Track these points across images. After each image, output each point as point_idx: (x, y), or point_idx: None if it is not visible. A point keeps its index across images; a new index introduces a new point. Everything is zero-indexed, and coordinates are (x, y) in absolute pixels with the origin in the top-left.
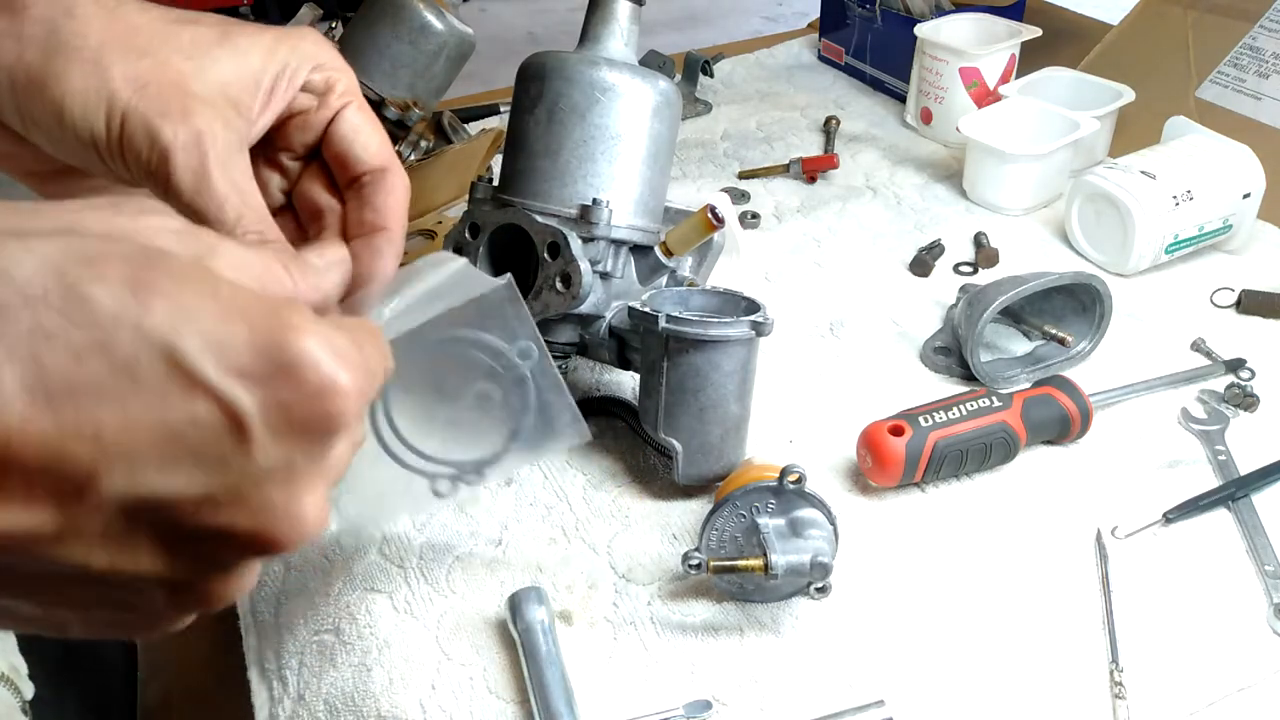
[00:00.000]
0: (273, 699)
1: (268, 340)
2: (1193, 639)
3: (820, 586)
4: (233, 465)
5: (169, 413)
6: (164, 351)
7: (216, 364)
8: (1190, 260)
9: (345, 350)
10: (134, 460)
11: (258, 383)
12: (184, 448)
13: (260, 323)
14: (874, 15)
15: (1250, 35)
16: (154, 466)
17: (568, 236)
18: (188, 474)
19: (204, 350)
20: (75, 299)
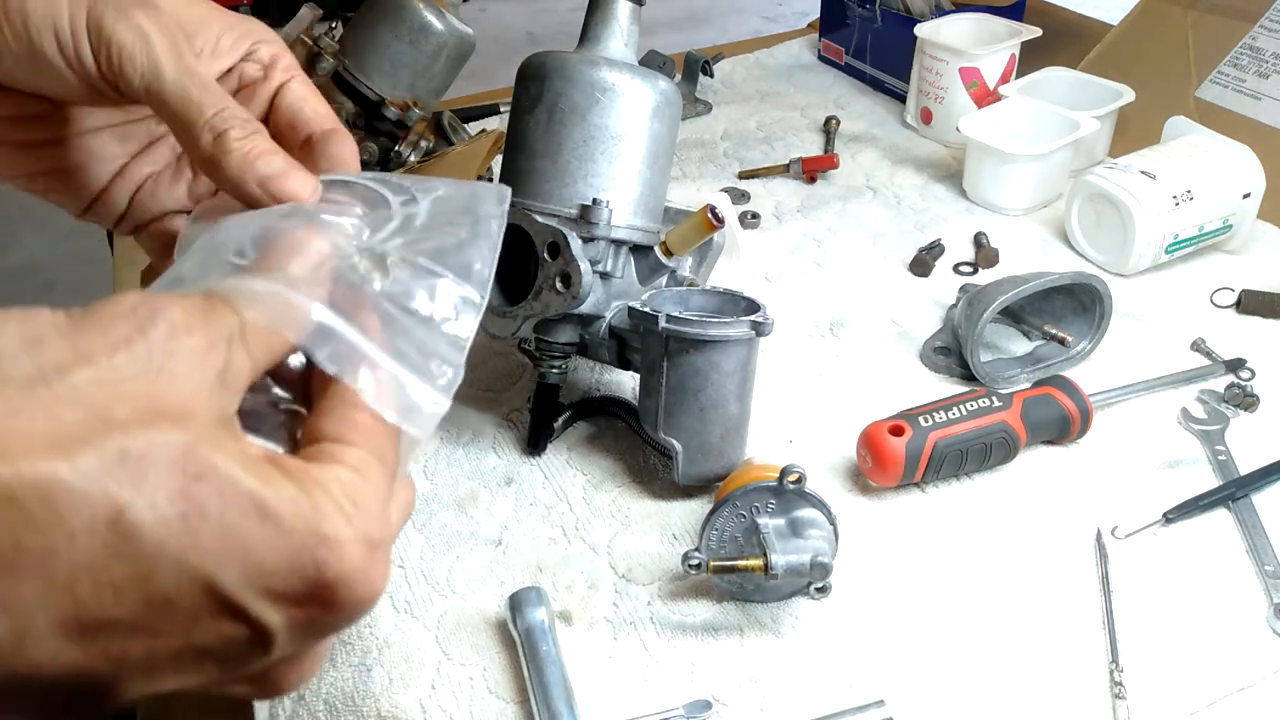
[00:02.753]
0: (272, 699)
1: (306, 566)
2: (1193, 639)
3: (820, 586)
4: (247, 666)
5: (197, 634)
6: (205, 585)
7: (254, 593)
8: (1190, 260)
9: (380, 558)
10: (152, 672)
11: (290, 604)
12: (205, 658)
13: (305, 544)
14: (874, 15)
15: (1250, 35)
16: (170, 674)
17: (568, 236)
18: (202, 673)
19: (243, 582)
20: (122, 530)
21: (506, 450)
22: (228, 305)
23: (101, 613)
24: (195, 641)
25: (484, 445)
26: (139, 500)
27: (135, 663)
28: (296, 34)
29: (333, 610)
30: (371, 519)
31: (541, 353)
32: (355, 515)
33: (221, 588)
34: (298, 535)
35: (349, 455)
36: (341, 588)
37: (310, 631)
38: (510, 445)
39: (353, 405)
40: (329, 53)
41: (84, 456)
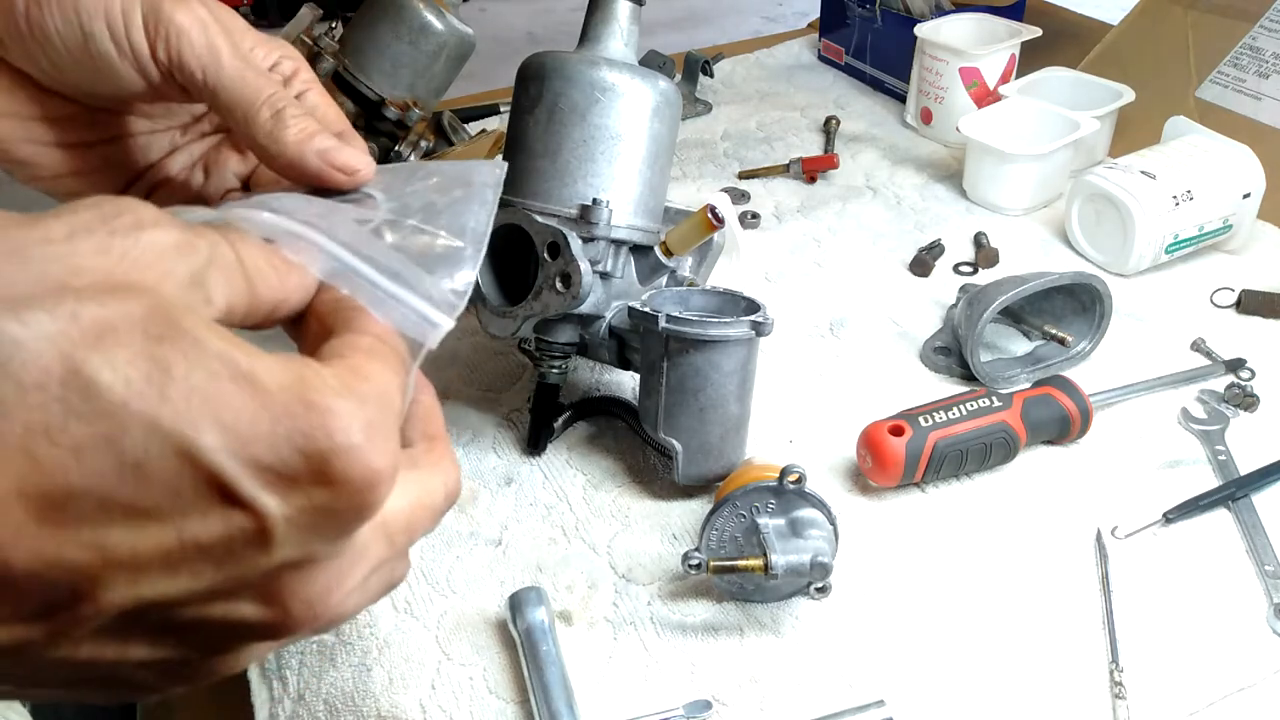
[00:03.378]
0: (273, 699)
1: (299, 432)
2: (1193, 639)
3: (820, 586)
4: (246, 563)
5: (182, 519)
6: (180, 449)
7: (241, 466)
8: (1190, 260)
9: (381, 422)
10: (138, 569)
11: (288, 486)
12: (195, 553)
13: (288, 411)
14: (874, 15)
15: (1250, 35)
16: (159, 573)
17: (568, 236)
18: (195, 576)
19: (227, 450)
20: (79, 386)
21: (506, 450)
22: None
23: (66, 480)
24: (182, 529)
25: (484, 445)
26: (95, 358)
27: (116, 554)
28: (296, 34)
29: (332, 488)
30: (369, 398)
31: (541, 353)
32: (349, 390)
33: (201, 454)
34: (280, 399)
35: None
36: (338, 459)
37: (314, 521)
38: (510, 445)
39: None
40: (329, 53)
41: (33, 314)
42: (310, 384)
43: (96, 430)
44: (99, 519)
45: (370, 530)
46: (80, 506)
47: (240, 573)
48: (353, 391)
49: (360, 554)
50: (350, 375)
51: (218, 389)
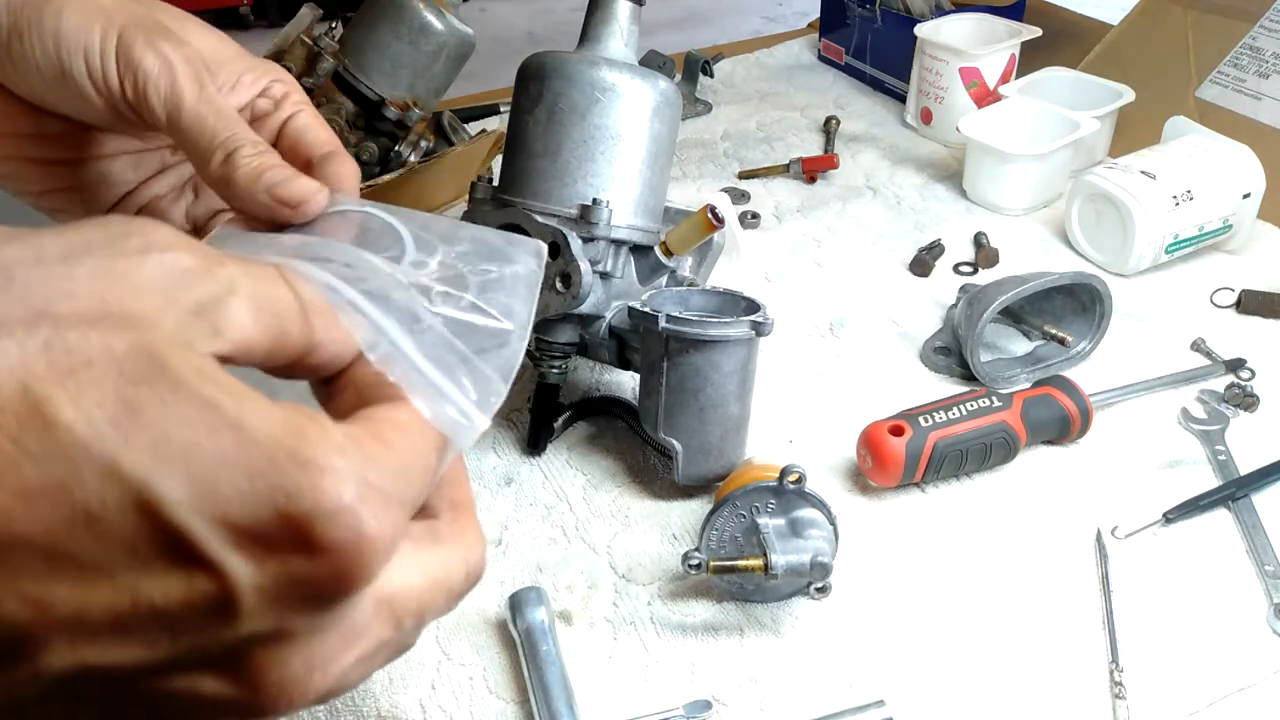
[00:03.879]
0: None
1: (279, 493)
2: (1193, 639)
3: (820, 586)
4: (207, 634)
5: (136, 579)
6: (140, 500)
7: (207, 523)
8: (1190, 260)
9: (380, 486)
10: (84, 632)
11: (261, 550)
12: (150, 619)
13: (272, 464)
14: (874, 15)
15: (1250, 35)
16: (109, 638)
17: (568, 236)
18: (149, 645)
19: (191, 503)
20: (37, 424)
21: (506, 450)
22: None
23: (9, 528)
24: (136, 590)
25: (484, 445)
26: (60, 394)
27: (60, 613)
28: (296, 34)
29: (312, 556)
30: (380, 463)
31: (541, 353)
32: (357, 449)
33: (162, 507)
34: (265, 451)
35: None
36: (321, 523)
37: (289, 592)
38: (510, 445)
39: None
40: (329, 53)
41: (7, 334)
42: (307, 436)
43: (49, 474)
44: (42, 573)
45: (372, 607)
46: (22, 557)
47: (201, 644)
48: (360, 451)
49: (356, 634)
50: (368, 437)
51: (190, 435)
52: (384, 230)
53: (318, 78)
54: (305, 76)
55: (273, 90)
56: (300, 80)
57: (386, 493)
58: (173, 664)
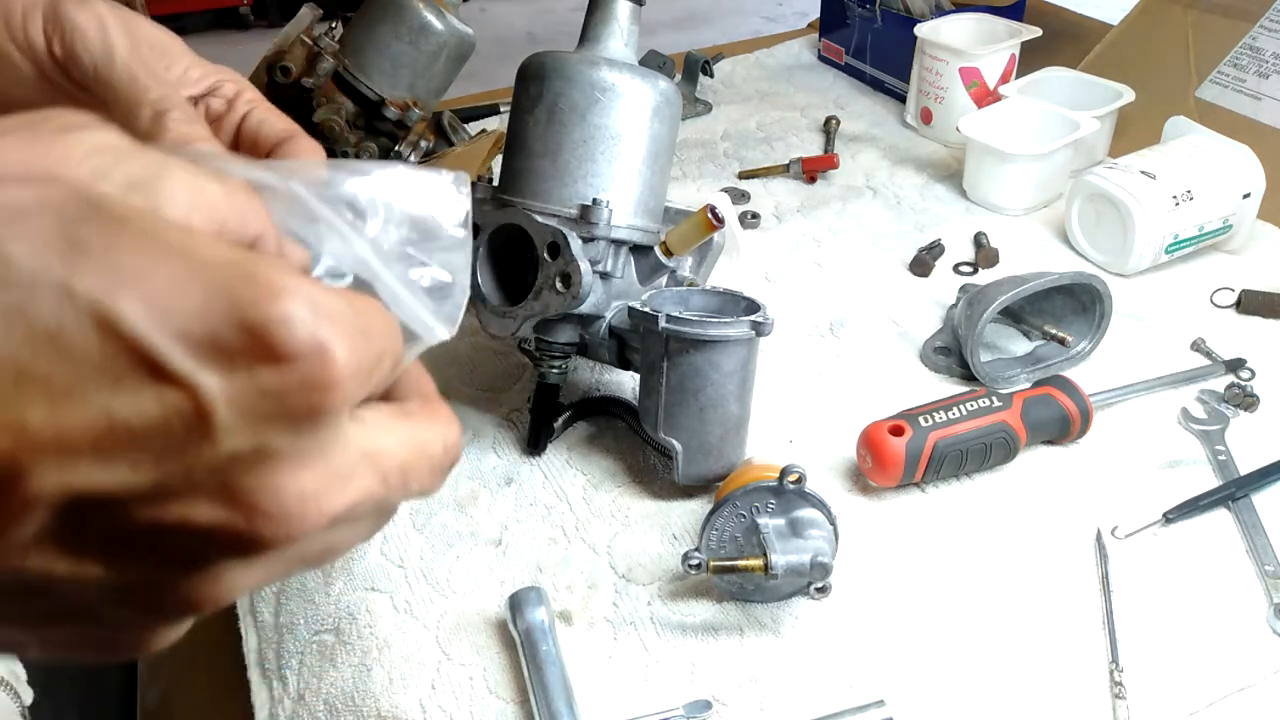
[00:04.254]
0: (273, 699)
1: (235, 304)
2: (1193, 639)
3: (820, 586)
4: (190, 455)
5: (109, 398)
6: (98, 318)
7: (168, 337)
8: (1190, 260)
9: (338, 314)
10: (66, 453)
11: (223, 360)
12: (129, 437)
13: (225, 282)
14: (874, 15)
15: (1250, 35)
16: (93, 459)
17: (568, 236)
18: (134, 466)
19: (150, 319)
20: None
21: (506, 450)
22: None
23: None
24: (110, 408)
25: (484, 445)
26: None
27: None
28: (296, 34)
29: (278, 364)
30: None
31: (541, 353)
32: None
33: (121, 323)
34: (218, 272)
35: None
36: (281, 329)
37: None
38: (510, 445)
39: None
40: (329, 53)
41: None
42: (260, 263)
43: (7, 300)
44: (13, 395)
45: (358, 454)
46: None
47: (186, 466)
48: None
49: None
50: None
51: (140, 260)
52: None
53: (318, 78)
54: (305, 76)
55: (224, 89)
56: (300, 80)
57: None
58: (163, 490)
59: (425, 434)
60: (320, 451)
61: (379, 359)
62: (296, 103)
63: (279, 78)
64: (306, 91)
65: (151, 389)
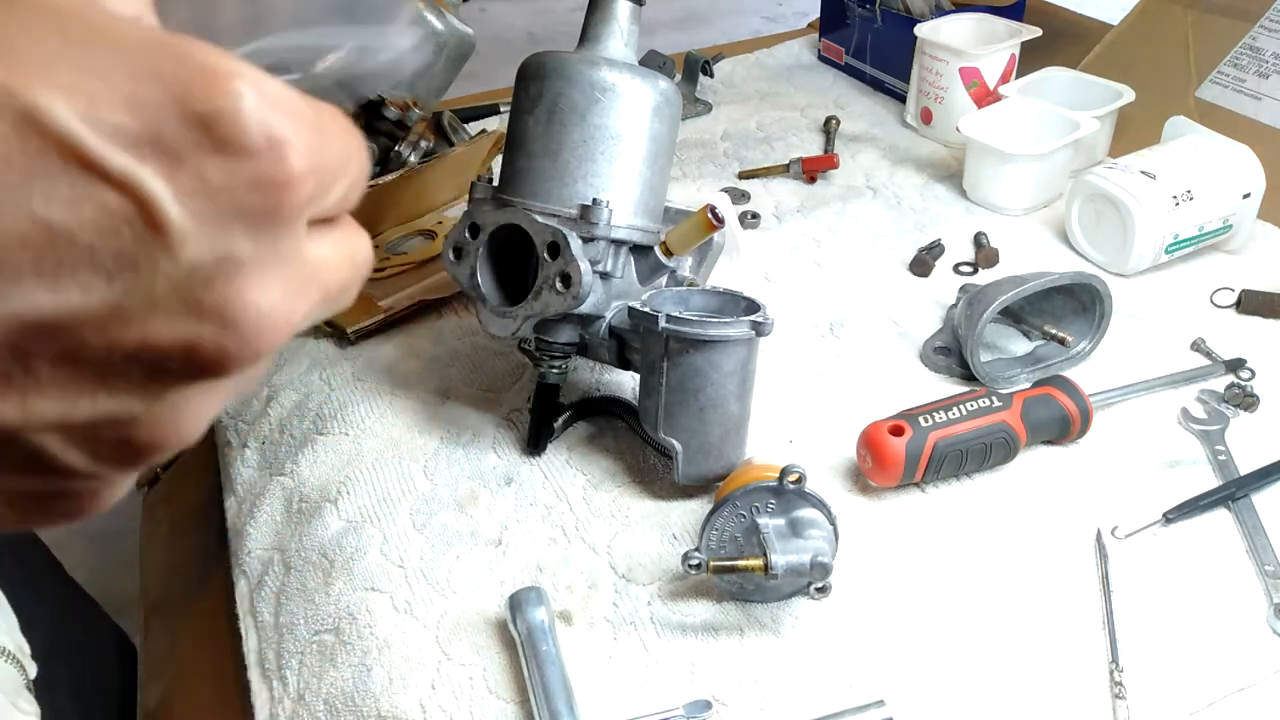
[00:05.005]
0: (273, 699)
1: (174, 91)
2: (1193, 639)
3: (820, 586)
4: (146, 265)
5: (41, 203)
6: (20, 114)
7: (98, 130)
8: (1190, 260)
9: (291, 105)
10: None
11: (166, 157)
12: (75, 249)
13: (159, 65)
14: (874, 15)
15: (1250, 35)
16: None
17: (568, 236)
18: (85, 283)
19: (73, 110)
20: None
21: (506, 450)
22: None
23: None
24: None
25: (484, 445)
26: None
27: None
28: None
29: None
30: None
31: (541, 353)
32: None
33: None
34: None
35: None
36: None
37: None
38: (510, 445)
39: None
40: None
41: None
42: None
43: None
44: None
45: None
46: None
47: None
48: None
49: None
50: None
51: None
52: None
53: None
54: None
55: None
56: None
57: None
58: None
59: (355, 242)
60: (280, 259)
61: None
62: None
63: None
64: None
65: (87, 190)
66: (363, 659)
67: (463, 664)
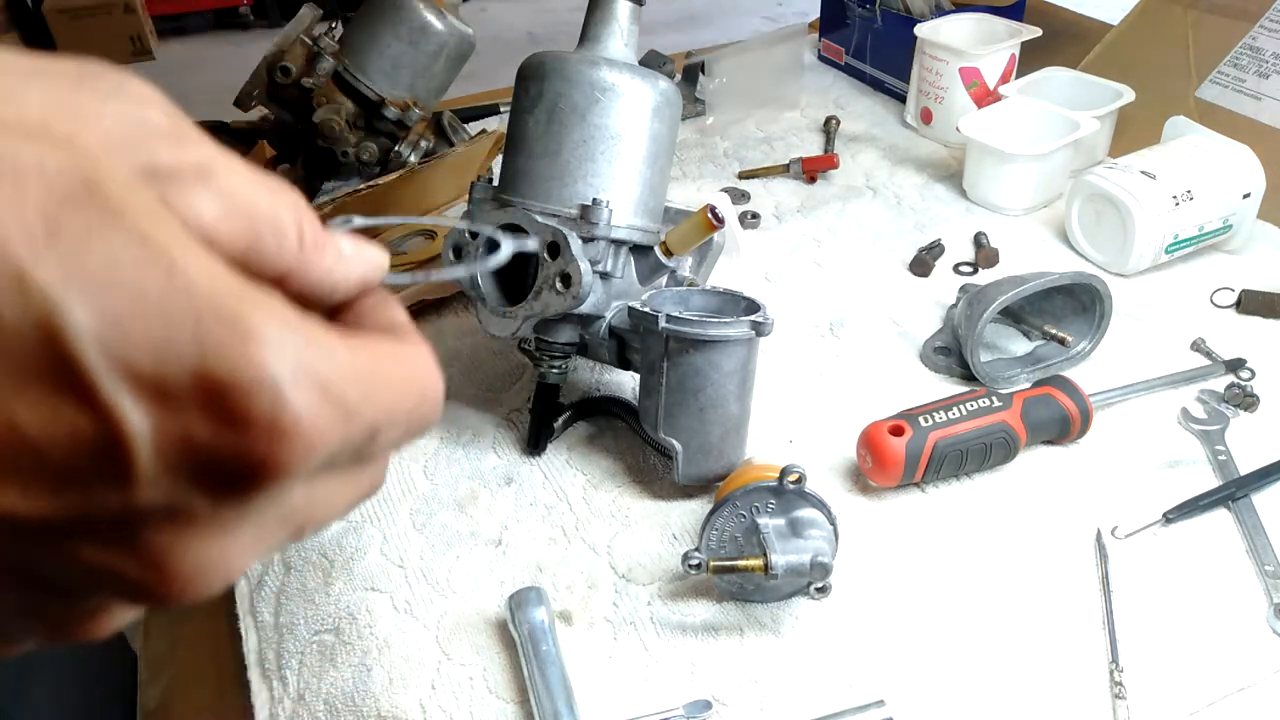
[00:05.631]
0: (273, 699)
1: (201, 346)
2: (1193, 639)
3: (820, 586)
4: (96, 493)
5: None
6: (40, 317)
7: (109, 360)
8: (1190, 260)
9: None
10: None
11: (163, 401)
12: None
13: (200, 316)
14: (874, 15)
15: (1250, 35)
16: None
17: (568, 236)
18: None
19: (96, 334)
20: None
21: (506, 450)
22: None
23: None
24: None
25: (484, 445)
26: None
27: None
28: (297, 34)
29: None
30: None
31: (541, 353)
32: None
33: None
34: (194, 301)
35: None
36: (237, 390)
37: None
38: (510, 445)
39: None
40: (329, 53)
41: None
42: (249, 299)
43: None
44: None
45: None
46: None
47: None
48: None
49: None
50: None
51: (112, 267)
52: None
53: (318, 78)
54: (305, 76)
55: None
56: (300, 80)
57: (333, 391)
58: (60, 524)
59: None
60: (240, 519)
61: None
62: (296, 103)
63: (279, 78)
64: (306, 91)
65: (67, 407)
66: (363, 659)
67: (463, 664)
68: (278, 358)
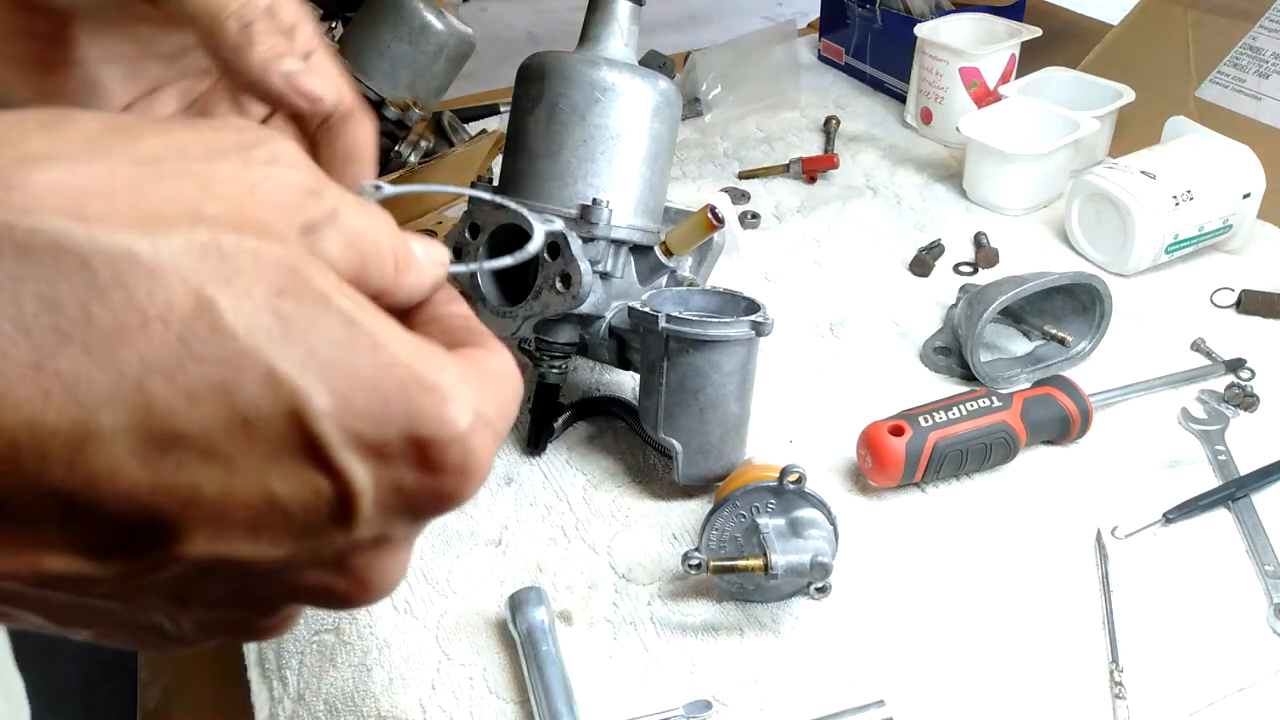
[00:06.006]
0: (273, 699)
1: (411, 414)
2: (1193, 639)
3: (820, 586)
4: (325, 536)
5: (276, 480)
6: (291, 409)
7: (342, 433)
8: (1190, 260)
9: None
10: (223, 524)
11: (382, 460)
12: (280, 517)
13: (406, 389)
14: (874, 15)
15: (1250, 35)
16: (242, 535)
17: (568, 236)
18: (274, 542)
19: (332, 416)
20: (205, 325)
21: (506, 450)
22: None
23: (173, 423)
24: (273, 491)
25: None
26: (225, 299)
27: (205, 505)
28: None
29: (425, 473)
30: (486, 399)
31: (541, 353)
32: (471, 384)
33: (308, 417)
34: (399, 373)
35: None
36: (440, 448)
37: (399, 503)
38: (510, 445)
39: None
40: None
41: (169, 238)
42: (434, 363)
43: (213, 376)
44: (196, 468)
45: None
46: (181, 453)
47: (318, 546)
48: (474, 385)
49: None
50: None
51: (335, 352)
52: None
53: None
54: None
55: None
56: None
57: (493, 426)
58: (290, 563)
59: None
60: (415, 533)
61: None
62: None
63: None
64: None
65: (311, 476)
66: (363, 659)
67: (463, 664)
68: (463, 412)
